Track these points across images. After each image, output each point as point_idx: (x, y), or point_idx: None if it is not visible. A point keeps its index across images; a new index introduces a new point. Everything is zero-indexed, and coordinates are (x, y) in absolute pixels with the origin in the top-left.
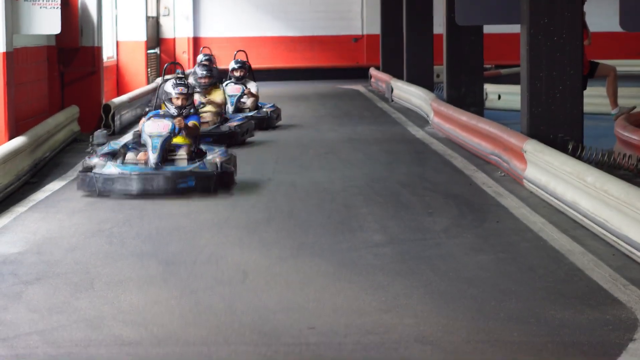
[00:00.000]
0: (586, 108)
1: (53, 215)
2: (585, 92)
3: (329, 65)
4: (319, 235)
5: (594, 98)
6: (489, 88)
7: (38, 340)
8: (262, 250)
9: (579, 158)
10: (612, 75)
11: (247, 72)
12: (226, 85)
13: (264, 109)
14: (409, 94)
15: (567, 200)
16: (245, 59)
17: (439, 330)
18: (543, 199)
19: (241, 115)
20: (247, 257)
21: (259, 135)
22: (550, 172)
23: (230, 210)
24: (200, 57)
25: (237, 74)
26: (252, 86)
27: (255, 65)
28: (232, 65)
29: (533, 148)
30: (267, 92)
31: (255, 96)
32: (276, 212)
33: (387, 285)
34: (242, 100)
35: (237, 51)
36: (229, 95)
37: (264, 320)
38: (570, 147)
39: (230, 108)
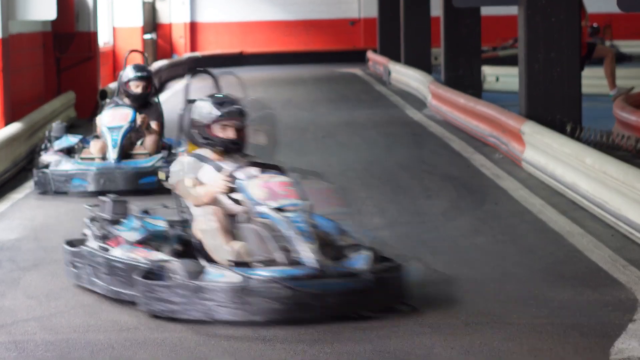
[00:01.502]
0: (584, 89)
1: (50, 202)
2: (583, 74)
3: (326, 49)
4: None
5: (592, 79)
6: (486, 70)
7: (36, 326)
8: None
9: (578, 139)
10: (610, 56)
11: (151, 90)
12: (109, 108)
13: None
14: (406, 76)
15: (566, 181)
16: (145, 64)
17: (438, 313)
18: (542, 181)
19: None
20: None
21: None
22: (548, 153)
23: None
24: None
25: (135, 89)
26: (153, 113)
27: (252, 49)
28: (128, 74)
29: (531, 130)
30: (264, 76)
31: (157, 132)
32: None
33: None
34: (132, 136)
35: (130, 51)
36: (108, 128)
37: None
38: (568, 128)
39: (110, 151)
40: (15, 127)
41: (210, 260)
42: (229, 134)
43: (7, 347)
